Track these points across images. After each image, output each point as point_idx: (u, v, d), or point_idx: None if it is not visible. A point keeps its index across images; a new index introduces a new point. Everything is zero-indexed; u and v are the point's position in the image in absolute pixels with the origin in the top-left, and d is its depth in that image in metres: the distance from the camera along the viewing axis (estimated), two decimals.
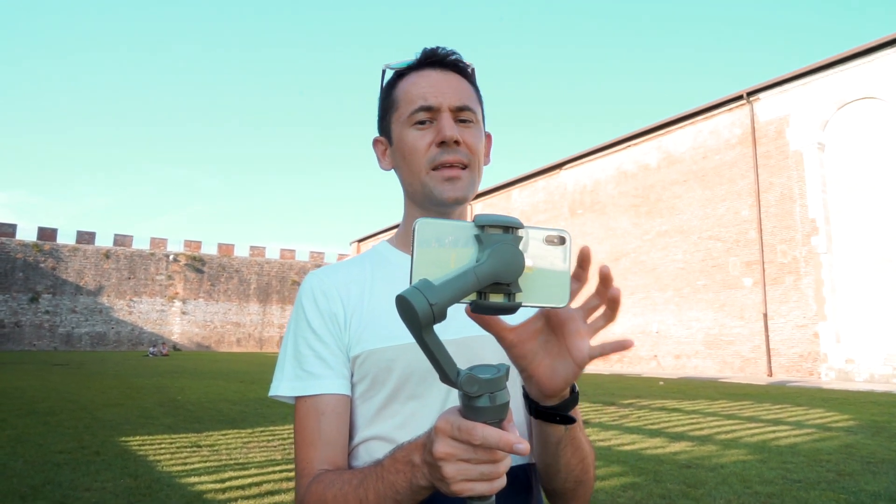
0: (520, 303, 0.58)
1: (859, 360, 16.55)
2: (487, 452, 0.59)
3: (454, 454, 0.59)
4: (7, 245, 41.98)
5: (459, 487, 0.60)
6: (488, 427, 0.57)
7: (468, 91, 0.96)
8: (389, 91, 0.98)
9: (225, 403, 10.96)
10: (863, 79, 17.13)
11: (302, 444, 0.86)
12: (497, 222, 0.58)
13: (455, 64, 0.96)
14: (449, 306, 0.53)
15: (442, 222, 0.58)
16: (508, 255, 0.56)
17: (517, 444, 0.57)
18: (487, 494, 0.60)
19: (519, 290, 0.57)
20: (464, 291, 0.54)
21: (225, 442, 7.13)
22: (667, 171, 22.81)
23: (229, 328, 49.07)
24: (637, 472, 5.61)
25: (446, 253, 0.57)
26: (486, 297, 0.56)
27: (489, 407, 0.57)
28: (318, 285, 0.92)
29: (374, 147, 1.03)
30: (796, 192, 18.43)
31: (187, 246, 48.89)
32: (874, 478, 5.33)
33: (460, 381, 0.56)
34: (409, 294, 0.52)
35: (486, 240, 0.57)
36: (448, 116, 0.91)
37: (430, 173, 0.91)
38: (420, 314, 0.52)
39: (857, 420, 8.80)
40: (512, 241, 0.57)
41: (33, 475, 5.35)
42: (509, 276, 0.56)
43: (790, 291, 18.36)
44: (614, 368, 23.39)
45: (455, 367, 0.57)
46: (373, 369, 0.87)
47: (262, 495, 4.80)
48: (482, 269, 0.55)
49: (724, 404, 10.92)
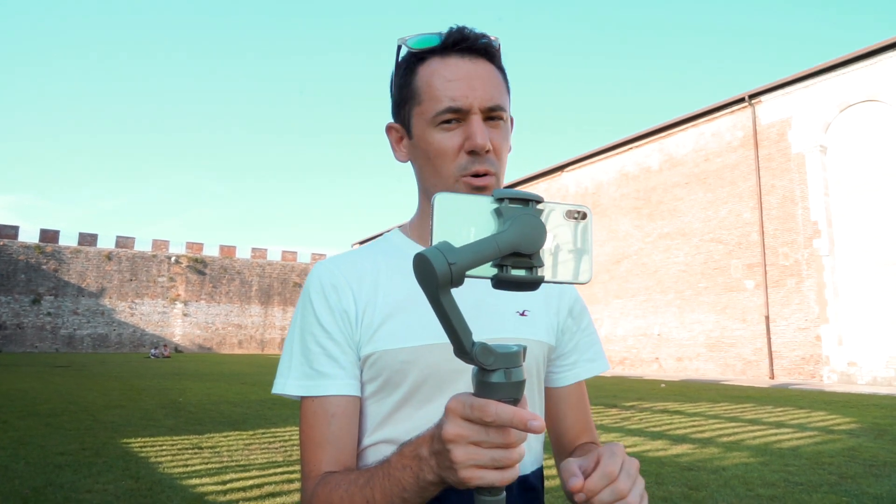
0: (542, 276, 0.56)
1: (861, 363, 16.51)
2: (500, 435, 0.55)
3: (465, 436, 0.56)
4: (9, 247, 42.03)
5: (468, 474, 0.56)
6: (502, 404, 0.54)
7: (499, 84, 0.86)
8: (409, 77, 0.87)
9: (226, 405, 10.96)
10: (865, 81, 17.12)
11: (309, 445, 0.82)
12: (517, 195, 0.56)
13: (486, 50, 0.85)
14: (468, 269, 0.52)
15: (461, 196, 0.56)
16: (530, 226, 0.55)
17: (532, 421, 0.54)
18: (498, 485, 0.56)
19: (541, 264, 0.56)
20: (484, 257, 0.52)
21: (226, 444, 7.12)
22: (669, 173, 22.80)
23: (231, 330, 49.08)
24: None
25: (466, 227, 0.55)
26: (508, 271, 0.55)
27: (504, 383, 0.55)
28: (328, 278, 0.86)
29: (387, 133, 0.94)
30: (798, 195, 18.41)
31: (189, 248, 48.94)
32: (876, 481, 5.32)
33: (475, 350, 0.54)
34: (428, 252, 0.51)
35: (507, 212, 0.55)
36: (479, 120, 0.82)
37: (460, 181, 0.84)
38: (438, 273, 0.50)
39: (860, 423, 8.78)
40: (533, 213, 0.56)
41: (35, 477, 5.35)
42: (531, 246, 0.54)
43: (792, 294, 18.33)
44: (616, 371, 23.36)
45: (471, 337, 0.55)
46: (386, 370, 0.82)
47: (263, 497, 4.80)
48: (504, 236, 0.53)
49: (726, 407, 10.90)
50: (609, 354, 24.49)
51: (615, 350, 24.24)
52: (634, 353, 23.46)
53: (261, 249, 51.95)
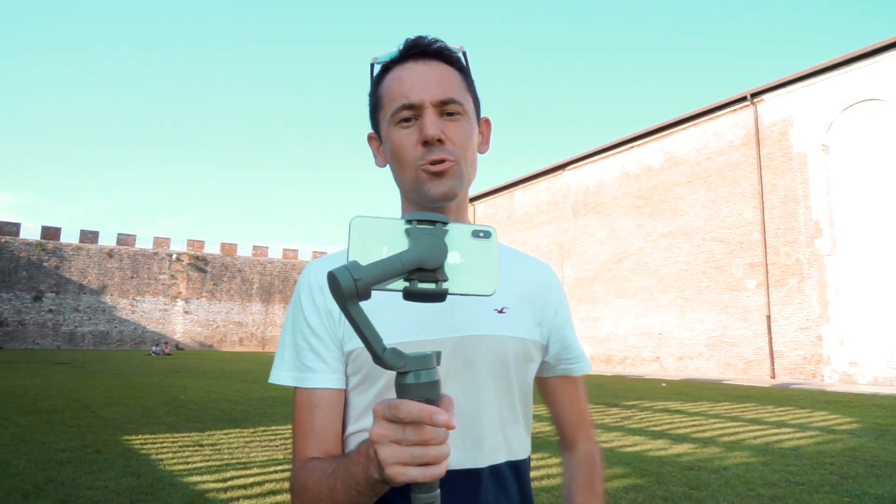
0: (447, 289, 0.62)
1: (863, 363, 16.50)
2: (416, 432, 0.59)
3: (386, 435, 0.60)
4: (11, 244, 42.07)
5: (393, 471, 0.60)
6: (413, 402, 0.59)
7: (454, 81, 0.92)
8: (376, 87, 0.96)
9: (227, 403, 10.97)
10: (867, 80, 17.09)
11: (297, 434, 0.89)
12: (425, 217, 0.62)
13: (439, 52, 0.92)
14: (373, 284, 0.58)
15: (376, 220, 0.63)
16: (431, 243, 0.61)
17: (436, 416, 0.58)
18: (421, 480, 0.59)
19: (446, 278, 0.62)
20: (389, 272, 0.59)
21: (227, 441, 7.13)
22: (670, 172, 22.78)
23: (232, 328, 49.12)
24: (640, 474, 5.59)
25: (379, 246, 0.62)
26: (416, 285, 0.61)
27: (415, 384, 0.59)
28: (315, 278, 0.92)
29: (368, 144, 1.02)
30: (800, 194, 18.38)
31: (190, 245, 48.97)
32: (878, 481, 5.31)
33: (385, 355, 0.59)
34: (336, 271, 0.58)
35: (414, 233, 0.62)
36: (431, 113, 0.88)
37: (419, 172, 0.90)
38: (344, 287, 0.57)
39: (861, 423, 8.77)
40: (436, 233, 0.62)
41: (36, 473, 5.36)
42: (432, 262, 0.60)
43: (793, 293, 18.32)
44: (617, 370, 23.36)
45: (381, 343, 0.60)
46: (366, 365, 0.87)
47: (263, 494, 4.80)
48: (407, 254, 0.60)
49: (727, 406, 10.90)
50: (610, 353, 24.50)
51: (616, 349, 24.24)
52: (635, 352, 23.45)
53: (262, 247, 51.97)
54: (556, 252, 27.71)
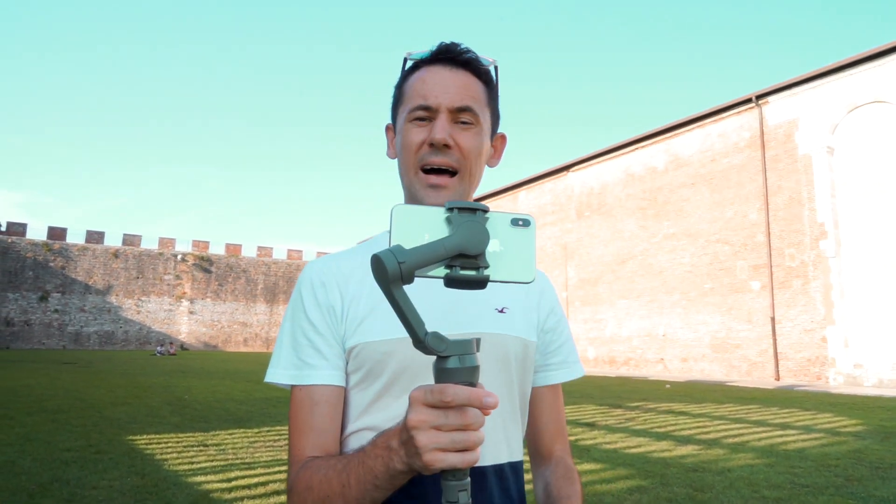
0: (488, 276, 0.62)
1: (868, 365, 16.44)
2: (459, 417, 0.59)
3: (427, 420, 0.60)
4: (17, 244, 42.26)
5: (431, 457, 0.60)
6: (459, 385, 0.59)
7: (475, 92, 0.93)
8: (403, 81, 0.97)
9: (232, 403, 11.00)
10: (873, 82, 17.03)
11: (294, 432, 0.87)
12: (466, 205, 0.63)
13: (468, 62, 0.93)
14: (417, 268, 0.59)
15: (417, 208, 0.63)
16: (474, 230, 0.62)
17: (486, 398, 0.59)
18: (459, 466, 0.60)
19: (487, 265, 0.62)
20: (432, 257, 0.59)
21: (231, 441, 7.15)
22: (674, 173, 22.73)
23: (236, 328, 49.22)
24: (644, 476, 5.59)
25: (421, 233, 0.62)
26: (457, 272, 0.61)
27: (459, 368, 0.59)
28: (318, 276, 0.92)
29: (385, 133, 1.04)
30: (805, 196, 18.33)
31: (195, 246, 49.09)
32: (883, 483, 5.29)
33: (428, 339, 0.59)
34: (381, 253, 0.58)
35: (456, 220, 0.62)
36: (444, 118, 0.90)
37: (419, 174, 0.91)
38: (389, 270, 0.57)
39: (866, 425, 8.74)
40: (478, 220, 0.63)
41: (41, 473, 5.38)
42: (474, 248, 0.61)
43: (798, 295, 18.26)
44: (621, 371, 23.32)
45: (424, 327, 0.60)
46: (367, 362, 0.87)
47: (268, 495, 4.81)
48: (450, 240, 0.61)
49: (732, 408, 10.87)
50: (614, 355, 24.46)
51: (620, 350, 24.20)
52: (639, 353, 23.40)
53: (266, 248, 52.08)
54: (559, 253, 27.68)
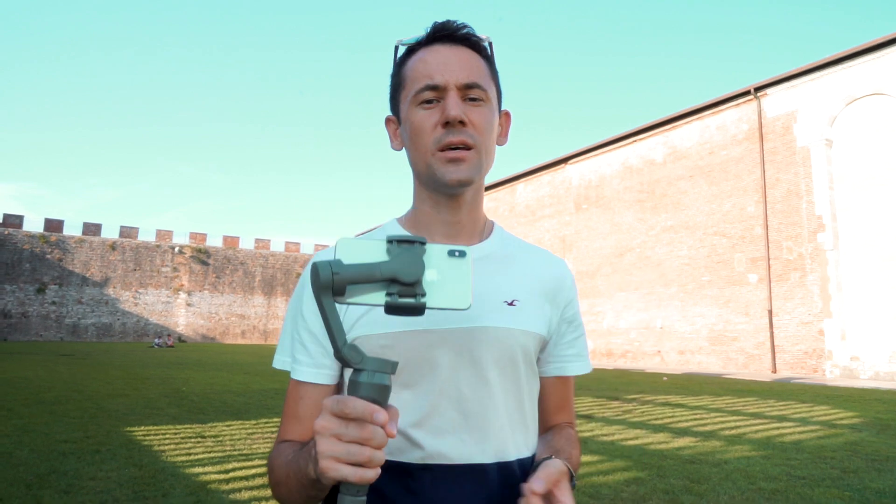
0: (425, 303, 0.66)
1: (864, 358, 16.49)
2: (358, 430, 0.60)
3: (329, 427, 0.61)
4: (14, 236, 42.16)
5: (325, 464, 0.61)
6: (360, 399, 0.61)
7: (479, 67, 0.92)
8: (399, 68, 0.95)
9: (229, 395, 11.01)
10: (871, 75, 17.01)
11: (283, 416, 0.94)
12: (404, 238, 0.67)
13: (466, 38, 0.92)
14: (350, 282, 0.63)
15: (359, 241, 0.67)
16: (410, 259, 0.65)
17: (377, 414, 0.59)
18: (351, 479, 0.60)
19: (424, 293, 0.66)
20: (367, 277, 0.63)
21: (229, 433, 7.15)
22: (673, 166, 22.72)
23: (234, 320, 49.23)
24: (641, 468, 5.60)
25: (363, 259, 0.66)
26: (396, 299, 0.65)
27: (366, 383, 0.61)
28: None
29: (386, 126, 1.01)
30: (803, 189, 18.34)
31: (192, 238, 49.02)
32: (879, 475, 5.32)
33: (345, 349, 0.62)
34: (318, 263, 0.63)
35: (393, 250, 0.66)
36: (454, 95, 0.88)
37: (436, 154, 0.88)
38: (322, 278, 0.62)
39: (862, 417, 8.78)
40: (415, 251, 0.66)
41: (39, 464, 5.38)
42: (408, 276, 0.65)
43: (795, 288, 18.30)
44: (618, 364, 23.38)
45: (343, 337, 0.63)
46: None
47: (265, 486, 4.81)
48: (386, 265, 0.65)
49: (729, 400, 10.90)
50: (611, 347, 24.52)
51: (617, 343, 24.25)
52: (637, 346, 23.46)
53: (264, 240, 52.02)
54: (558, 246, 27.68)
